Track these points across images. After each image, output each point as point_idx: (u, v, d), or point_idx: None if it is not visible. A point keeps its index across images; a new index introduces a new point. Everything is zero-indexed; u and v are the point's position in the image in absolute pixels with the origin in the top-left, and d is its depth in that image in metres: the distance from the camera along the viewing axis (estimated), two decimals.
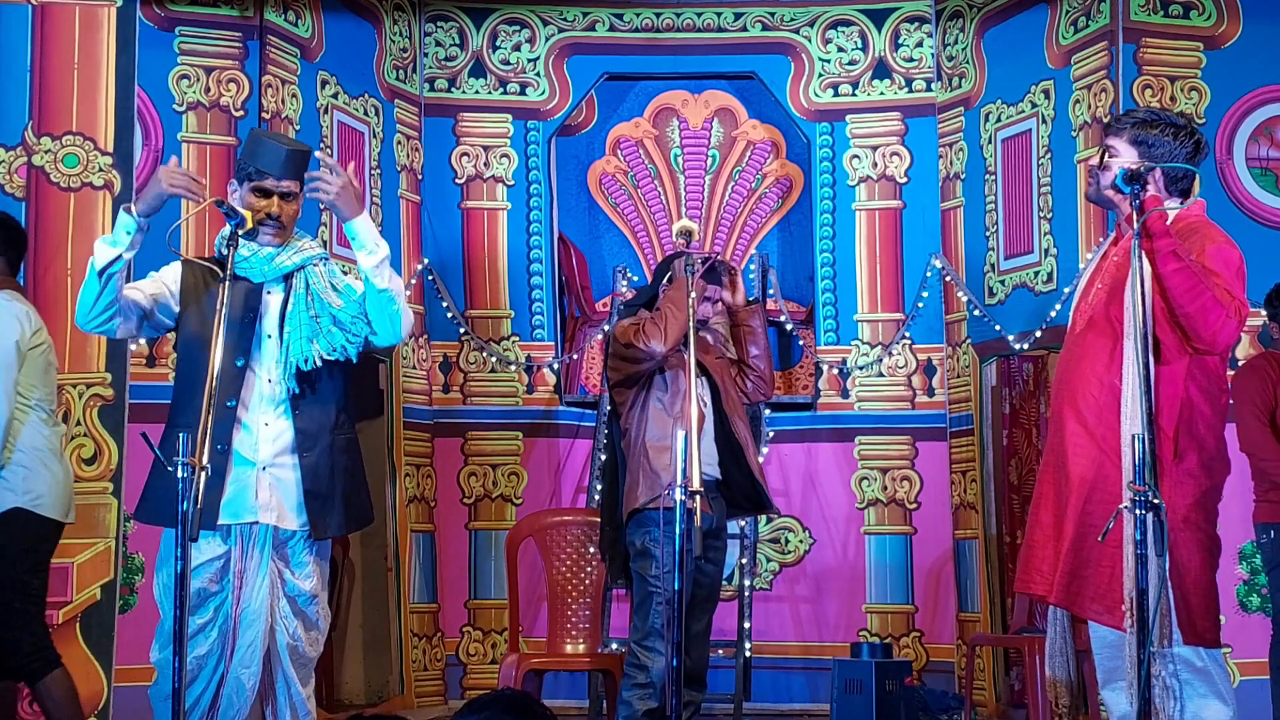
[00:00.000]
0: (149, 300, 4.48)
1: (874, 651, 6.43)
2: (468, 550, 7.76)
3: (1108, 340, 4.14)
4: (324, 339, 4.46)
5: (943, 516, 7.61)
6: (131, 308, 4.44)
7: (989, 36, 7.54)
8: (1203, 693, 4.08)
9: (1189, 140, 4.22)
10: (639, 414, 5.71)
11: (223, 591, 4.44)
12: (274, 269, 4.48)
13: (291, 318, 4.46)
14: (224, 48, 6.74)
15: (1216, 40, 6.80)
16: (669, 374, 5.69)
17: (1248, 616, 6.31)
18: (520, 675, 5.91)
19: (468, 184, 7.94)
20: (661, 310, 5.67)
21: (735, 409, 5.79)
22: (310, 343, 4.44)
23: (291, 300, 4.48)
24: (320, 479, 4.45)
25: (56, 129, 5.62)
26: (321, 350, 4.45)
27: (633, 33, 8.02)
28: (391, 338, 4.54)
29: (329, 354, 4.46)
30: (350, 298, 4.51)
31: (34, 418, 4.96)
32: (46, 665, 4.96)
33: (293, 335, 4.44)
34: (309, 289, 4.49)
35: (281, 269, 4.49)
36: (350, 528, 4.61)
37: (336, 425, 4.52)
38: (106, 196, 5.59)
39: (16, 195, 5.59)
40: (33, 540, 4.96)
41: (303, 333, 4.45)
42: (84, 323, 4.41)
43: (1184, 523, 4.07)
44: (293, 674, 4.49)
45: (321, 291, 4.50)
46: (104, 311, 4.36)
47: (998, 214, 7.43)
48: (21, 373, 4.90)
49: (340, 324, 4.49)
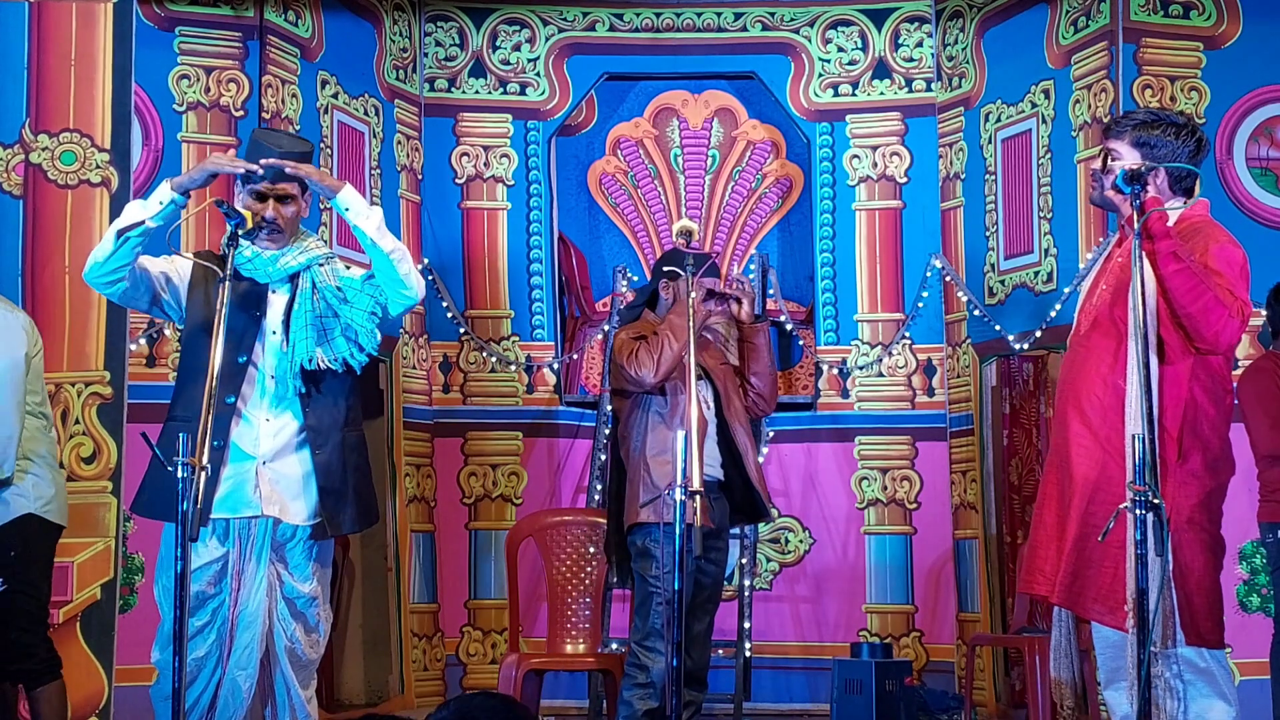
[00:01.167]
0: (161, 277, 4.50)
1: (874, 651, 6.43)
2: (468, 550, 7.75)
3: (1112, 341, 4.14)
4: (328, 346, 4.47)
5: (943, 516, 7.61)
6: (142, 279, 4.45)
7: (989, 36, 7.54)
8: (1206, 694, 4.08)
9: (1191, 139, 4.22)
10: (638, 424, 5.72)
11: (221, 594, 4.44)
12: (279, 270, 4.49)
13: (296, 317, 4.47)
14: (224, 48, 6.74)
15: (1216, 40, 6.80)
16: (668, 385, 5.68)
17: (1248, 616, 6.31)
18: (520, 675, 5.91)
19: (468, 184, 7.93)
20: (659, 336, 5.65)
21: (736, 415, 5.78)
22: (317, 346, 4.46)
23: (297, 300, 4.49)
24: (334, 475, 4.46)
25: (54, 126, 5.61)
26: (324, 356, 4.46)
27: (633, 33, 8.01)
28: (407, 300, 4.54)
29: (331, 362, 4.47)
30: (356, 290, 4.52)
31: (39, 425, 4.98)
32: (52, 672, 5.00)
33: (297, 335, 4.45)
34: (315, 289, 4.50)
35: (287, 270, 4.50)
36: (362, 524, 4.62)
37: (347, 422, 4.54)
38: (104, 193, 5.58)
39: (14, 193, 5.58)
40: (45, 546, 5.00)
41: (308, 333, 4.46)
42: (90, 277, 4.43)
43: (1188, 523, 4.07)
44: (292, 676, 4.49)
45: (329, 293, 4.51)
46: (113, 272, 4.38)
47: (998, 214, 7.43)
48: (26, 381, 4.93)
49: (350, 330, 4.49)
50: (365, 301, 4.53)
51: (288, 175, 4.45)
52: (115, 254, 4.34)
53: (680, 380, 5.63)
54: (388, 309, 4.56)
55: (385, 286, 4.51)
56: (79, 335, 5.42)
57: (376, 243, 4.45)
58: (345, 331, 4.50)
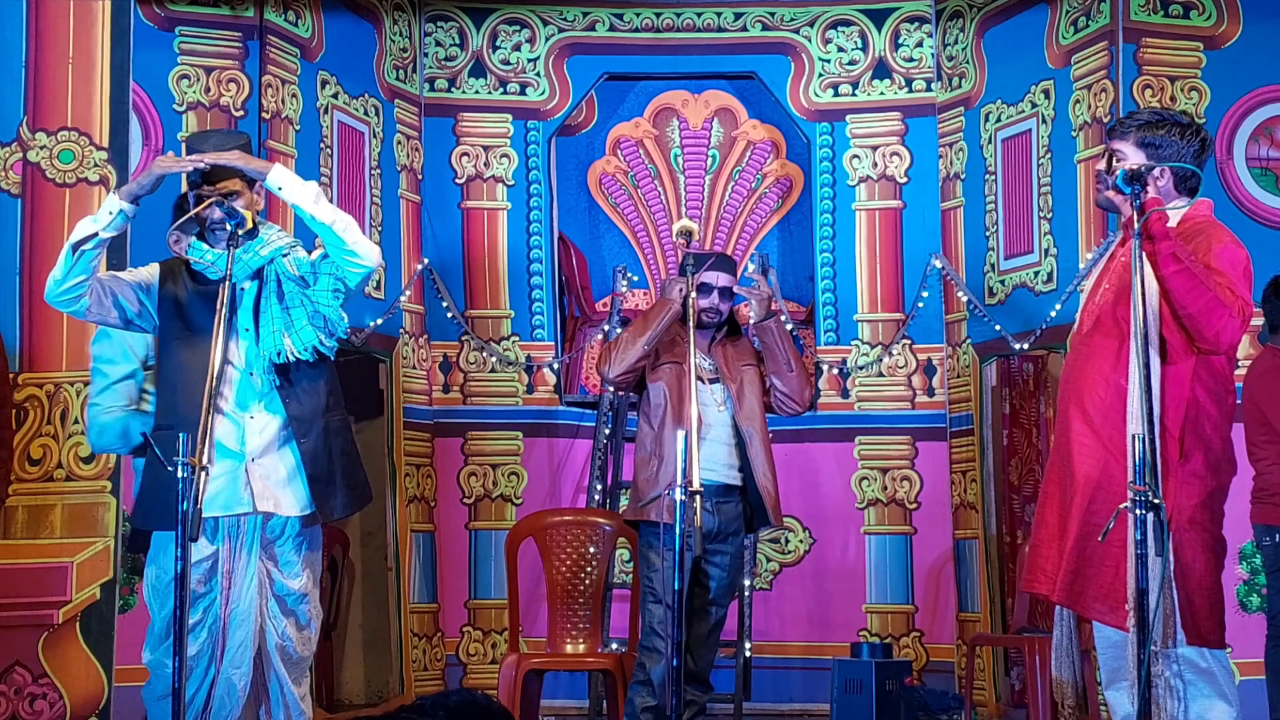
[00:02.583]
0: (133, 293, 4.46)
1: (874, 651, 6.43)
2: (468, 550, 7.75)
3: (1114, 340, 4.14)
4: (295, 336, 4.44)
5: (943, 516, 7.61)
6: (109, 294, 4.42)
7: (989, 36, 7.53)
8: (1207, 694, 4.08)
9: (1195, 138, 4.21)
10: (640, 424, 5.77)
11: (211, 592, 4.43)
12: (242, 265, 4.45)
13: (264, 312, 4.45)
14: (224, 48, 6.73)
15: (1216, 40, 6.80)
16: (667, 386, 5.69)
17: (1248, 616, 6.30)
18: (520, 675, 5.90)
19: (468, 184, 7.93)
20: (627, 332, 5.68)
21: (750, 418, 5.74)
22: (283, 336, 4.43)
23: (263, 294, 4.47)
24: (320, 463, 4.45)
25: (52, 124, 5.59)
26: (294, 347, 4.43)
27: (633, 33, 8.01)
28: (362, 267, 4.42)
29: (300, 352, 4.43)
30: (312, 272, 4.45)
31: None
32: None
33: (265, 329, 4.43)
34: (280, 280, 4.48)
35: (250, 265, 4.46)
36: (355, 507, 4.61)
37: (328, 408, 4.51)
38: (102, 192, 5.57)
39: (12, 191, 5.57)
40: None
41: (275, 325, 4.43)
42: (51, 297, 4.39)
43: (1189, 523, 4.07)
44: (284, 674, 4.48)
45: (293, 283, 4.47)
46: (72, 288, 4.34)
47: (998, 214, 7.43)
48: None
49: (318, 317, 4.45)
50: (325, 282, 4.45)
51: (225, 172, 4.39)
52: (72, 269, 4.31)
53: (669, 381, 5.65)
54: (347, 282, 4.46)
55: (336, 259, 4.41)
56: (77, 335, 5.41)
57: (315, 216, 4.35)
58: (313, 319, 4.45)
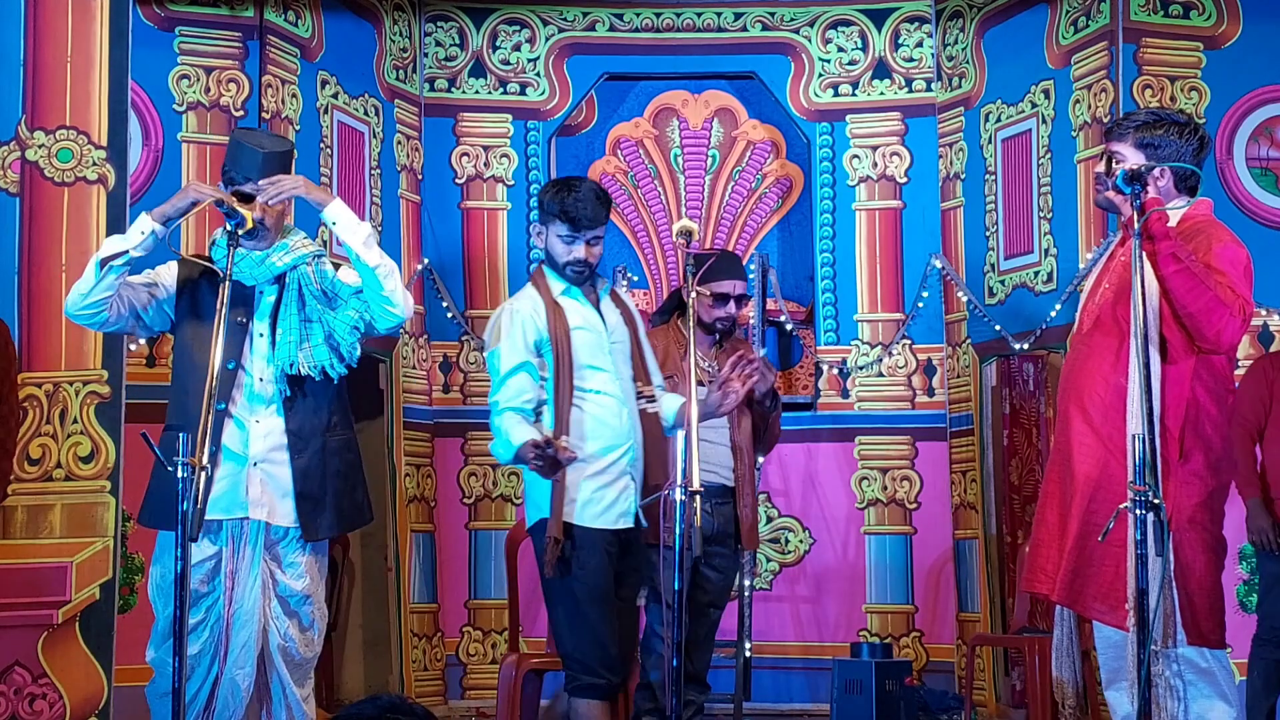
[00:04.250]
0: (147, 296, 4.47)
1: (874, 651, 6.43)
2: (468, 550, 7.75)
3: (1114, 340, 4.14)
4: (309, 353, 4.43)
5: (943, 516, 7.60)
6: (127, 304, 4.43)
7: (989, 36, 7.53)
8: (1207, 694, 4.08)
9: (1194, 138, 4.21)
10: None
11: (214, 592, 4.43)
12: (264, 270, 4.45)
13: (283, 319, 4.45)
14: (224, 48, 6.73)
15: (1216, 40, 6.80)
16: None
17: (1247, 616, 6.29)
18: (520, 675, 5.89)
19: (468, 184, 7.93)
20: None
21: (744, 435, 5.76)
22: (299, 349, 4.42)
23: (283, 301, 4.46)
24: (311, 481, 4.43)
25: (50, 123, 5.58)
26: (306, 363, 4.42)
27: (633, 33, 8.01)
28: (393, 318, 4.46)
29: (311, 370, 4.43)
30: (343, 298, 4.48)
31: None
32: None
33: (282, 338, 4.43)
34: (301, 290, 4.47)
35: (273, 270, 4.46)
36: (343, 528, 4.60)
37: (329, 427, 4.49)
38: (101, 191, 5.56)
39: (10, 190, 5.56)
40: None
41: (292, 336, 4.43)
42: (72, 310, 4.40)
43: (1189, 523, 4.07)
44: (287, 675, 4.48)
45: (314, 294, 4.47)
46: (97, 303, 4.36)
47: (998, 214, 7.42)
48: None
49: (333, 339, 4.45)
50: (348, 315, 4.46)
51: (273, 174, 4.40)
52: (98, 284, 4.32)
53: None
54: (374, 325, 4.48)
55: (371, 302, 4.43)
56: (76, 334, 5.40)
57: (362, 257, 4.37)
58: (328, 340, 4.45)
